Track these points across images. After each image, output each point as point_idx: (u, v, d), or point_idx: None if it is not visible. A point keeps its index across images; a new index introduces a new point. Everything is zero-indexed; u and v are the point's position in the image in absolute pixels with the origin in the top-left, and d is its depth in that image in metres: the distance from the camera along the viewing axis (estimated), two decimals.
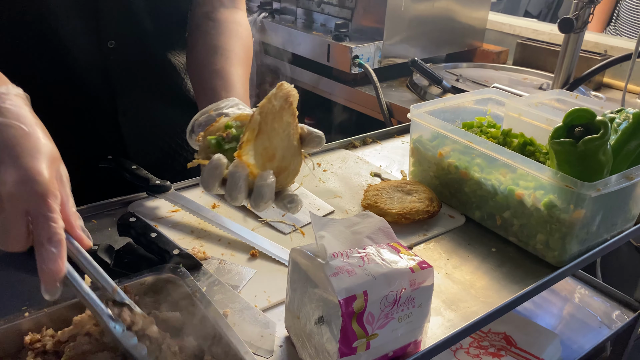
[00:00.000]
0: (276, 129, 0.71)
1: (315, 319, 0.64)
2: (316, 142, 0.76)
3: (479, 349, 1.08)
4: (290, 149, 0.74)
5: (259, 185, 0.70)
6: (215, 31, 1.04)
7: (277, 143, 0.71)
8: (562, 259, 0.88)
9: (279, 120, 0.71)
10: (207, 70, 0.98)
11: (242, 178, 0.69)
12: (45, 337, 0.62)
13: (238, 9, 1.12)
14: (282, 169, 0.73)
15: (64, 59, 0.95)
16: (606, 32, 2.77)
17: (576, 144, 0.81)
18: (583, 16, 1.41)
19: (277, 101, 0.70)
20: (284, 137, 0.72)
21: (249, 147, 0.69)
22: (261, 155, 0.70)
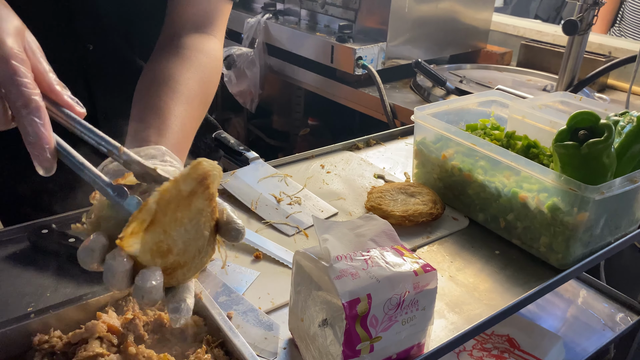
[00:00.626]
0: (179, 219, 0.56)
1: (319, 321, 0.65)
2: (233, 235, 0.61)
3: (483, 352, 1.08)
4: (198, 240, 0.58)
5: (138, 285, 0.55)
6: (175, 58, 0.91)
7: (177, 236, 0.56)
8: (566, 261, 0.88)
9: (184, 209, 0.56)
10: (149, 102, 0.85)
11: (119, 272, 0.54)
12: (54, 338, 0.62)
13: (212, 36, 0.98)
14: (181, 265, 0.58)
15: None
16: (610, 33, 2.77)
17: (580, 147, 0.81)
18: (587, 18, 1.41)
19: (186, 185, 0.55)
20: (190, 228, 0.57)
21: (133, 241, 0.54)
22: (150, 251, 0.55)
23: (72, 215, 0.94)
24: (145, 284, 0.54)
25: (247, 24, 2.35)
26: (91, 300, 0.67)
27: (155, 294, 0.55)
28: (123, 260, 0.54)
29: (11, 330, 0.63)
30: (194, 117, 0.88)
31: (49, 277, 0.81)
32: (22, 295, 0.76)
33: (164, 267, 0.56)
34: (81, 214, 0.94)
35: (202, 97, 0.91)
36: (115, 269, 0.54)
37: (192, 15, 0.96)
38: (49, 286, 0.79)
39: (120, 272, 0.54)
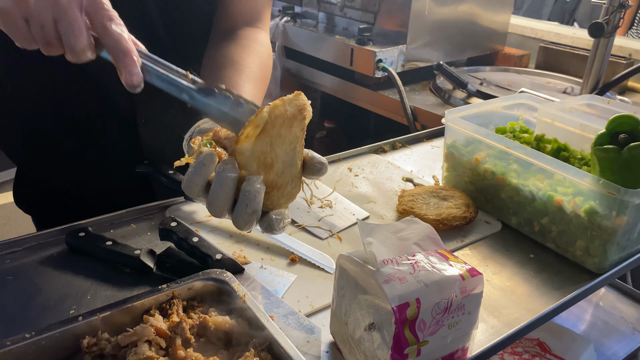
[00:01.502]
0: (282, 137, 0.62)
1: (365, 325, 0.65)
2: (317, 168, 0.67)
3: (514, 355, 1.08)
4: (293, 166, 0.64)
5: (245, 190, 0.59)
6: (234, 45, 1.00)
7: (279, 153, 0.62)
8: (603, 265, 0.88)
9: (287, 129, 0.62)
10: (220, 81, 0.92)
11: (229, 179, 0.59)
12: (102, 340, 0.62)
13: (261, 29, 1.08)
14: (278, 186, 0.63)
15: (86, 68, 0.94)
16: (628, 35, 2.75)
17: (620, 150, 0.81)
18: (613, 21, 1.40)
19: (290, 107, 0.62)
20: (289, 150, 0.62)
21: (246, 145, 0.59)
22: (257, 160, 0.60)
23: (108, 219, 0.94)
24: (252, 186, 0.59)
25: None
26: (136, 303, 0.68)
27: (257, 201, 0.60)
28: (234, 166, 0.60)
29: (60, 332, 0.63)
30: (259, 95, 0.95)
31: (88, 280, 0.81)
32: (64, 298, 0.77)
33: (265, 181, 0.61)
34: (116, 217, 0.95)
35: (263, 78, 0.99)
36: (226, 175, 0.59)
37: (243, 12, 1.04)
38: (88, 289, 0.79)
39: (230, 179, 0.59)
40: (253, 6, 1.06)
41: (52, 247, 0.88)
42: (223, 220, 0.96)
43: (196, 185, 0.62)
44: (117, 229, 0.94)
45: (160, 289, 0.70)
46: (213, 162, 0.62)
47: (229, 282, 0.72)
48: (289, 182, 0.64)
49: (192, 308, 0.71)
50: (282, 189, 0.64)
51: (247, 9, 1.05)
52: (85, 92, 0.98)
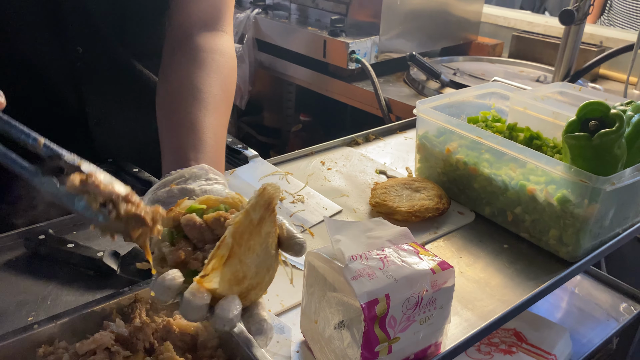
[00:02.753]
0: (252, 247, 0.57)
1: (334, 323, 0.63)
2: (296, 250, 0.63)
3: (490, 346, 1.07)
4: (267, 260, 0.60)
5: (219, 316, 0.55)
6: (193, 64, 0.89)
7: (250, 262, 0.57)
8: (576, 254, 0.87)
9: (256, 236, 0.57)
10: (178, 118, 0.84)
11: (199, 306, 0.55)
12: (59, 349, 0.60)
13: (223, 32, 0.97)
14: (254, 286, 0.59)
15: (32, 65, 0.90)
16: (599, 22, 2.77)
17: (591, 138, 0.80)
18: (583, 8, 1.40)
19: (255, 214, 0.57)
20: (260, 252, 0.58)
21: (214, 275, 0.55)
22: (228, 281, 0.56)
23: (70, 220, 0.91)
24: (227, 314, 0.55)
25: (236, 20, 2.31)
26: (96, 308, 0.65)
27: (236, 321, 0.56)
28: (203, 296, 0.55)
29: (14, 342, 0.60)
30: (223, 124, 0.87)
31: (49, 285, 0.78)
32: (22, 305, 0.74)
33: (239, 292, 0.57)
34: (78, 218, 0.91)
35: (227, 101, 0.90)
36: (195, 305, 0.54)
37: (199, 11, 0.94)
38: (49, 294, 0.76)
39: (200, 306, 0.55)
40: (211, 3, 0.95)
41: (10, 251, 0.84)
42: None
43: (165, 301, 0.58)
44: (79, 230, 0.90)
45: (122, 292, 0.68)
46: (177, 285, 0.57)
47: None
48: (265, 274, 0.61)
49: (156, 311, 0.68)
50: (259, 285, 0.60)
51: (202, 7, 0.95)
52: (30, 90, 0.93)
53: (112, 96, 1.01)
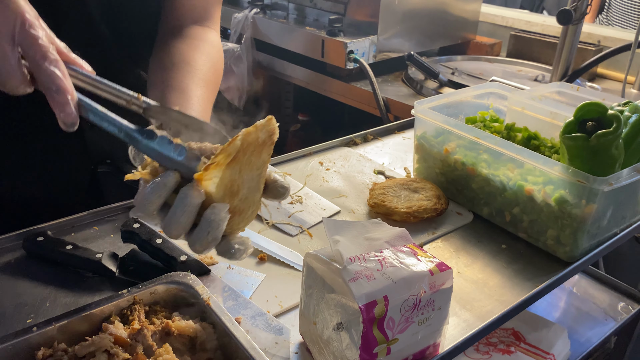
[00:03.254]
0: (251, 164, 0.60)
1: (333, 325, 0.63)
2: (279, 193, 0.66)
3: (489, 346, 1.07)
4: (256, 192, 0.63)
5: (209, 218, 0.57)
6: (183, 45, 0.94)
7: (245, 180, 0.60)
8: (574, 254, 0.87)
9: (257, 155, 0.61)
10: (170, 83, 0.87)
11: (193, 205, 0.56)
12: (58, 351, 0.60)
13: (211, 29, 1.02)
14: (240, 211, 0.61)
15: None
16: (598, 21, 2.78)
17: (589, 138, 0.80)
18: (581, 7, 1.40)
19: (262, 134, 0.60)
20: (255, 176, 0.62)
21: (216, 172, 0.57)
22: (225, 187, 0.59)
23: (69, 222, 0.91)
24: (217, 215, 0.57)
25: (234, 20, 2.31)
26: (95, 310, 0.65)
27: (220, 229, 0.58)
28: (200, 192, 0.57)
29: (13, 345, 0.60)
30: (210, 100, 0.89)
31: (47, 287, 0.78)
32: (21, 307, 0.74)
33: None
34: (77, 219, 0.91)
35: (215, 81, 0.93)
36: (190, 200, 0.56)
37: (190, 9, 0.98)
38: (47, 296, 0.76)
39: (194, 204, 0.57)
40: (202, 3, 1.01)
41: (8, 252, 0.84)
42: None
43: (152, 204, 0.58)
44: (78, 232, 0.90)
45: (120, 294, 0.68)
46: (175, 184, 0.59)
47: (193, 285, 0.69)
48: (251, 207, 0.63)
49: (155, 313, 0.68)
50: (243, 214, 0.63)
51: (195, 6, 1.00)
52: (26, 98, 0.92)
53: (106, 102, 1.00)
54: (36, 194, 1.01)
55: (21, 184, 0.99)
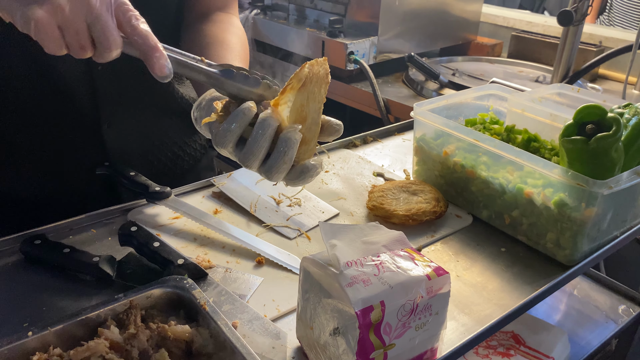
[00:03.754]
0: (314, 94, 0.68)
1: (330, 330, 0.62)
2: (335, 129, 0.73)
3: (488, 349, 1.07)
4: (317, 126, 0.70)
5: (285, 137, 0.64)
6: (213, 28, 1.02)
7: (311, 109, 0.68)
8: (573, 257, 0.87)
9: (318, 87, 0.68)
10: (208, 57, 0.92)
11: (271, 127, 0.64)
12: (53, 356, 0.59)
13: (232, 14, 1.11)
14: (305, 140, 0.68)
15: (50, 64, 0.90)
16: (599, 22, 2.77)
17: (588, 141, 0.80)
18: (582, 8, 1.39)
19: (322, 69, 0.67)
20: (317, 109, 0.69)
21: (290, 96, 0.66)
22: (296, 112, 0.67)
23: (66, 224, 0.90)
24: (292, 134, 0.65)
25: None
26: (91, 314, 0.65)
27: (294, 148, 0.65)
28: (276, 116, 0.65)
29: (8, 349, 0.60)
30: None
31: (45, 291, 0.77)
32: (18, 310, 0.73)
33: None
34: (75, 222, 0.91)
35: (246, 59, 1.01)
36: (269, 122, 0.64)
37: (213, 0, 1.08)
38: (44, 299, 0.76)
39: (273, 126, 0.65)
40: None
41: (6, 256, 0.84)
42: (187, 223, 0.93)
43: (232, 134, 0.66)
44: (76, 235, 0.90)
45: (117, 298, 0.67)
46: (252, 113, 0.66)
47: (189, 289, 0.69)
48: (312, 140, 0.70)
49: (151, 317, 0.68)
50: (307, 145, 0.69)
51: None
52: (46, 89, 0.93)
53: (126, 98, 1.01)
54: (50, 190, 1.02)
55: (37, 178, 1.00)
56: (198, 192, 1.04)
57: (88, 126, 0.99)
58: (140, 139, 1.07)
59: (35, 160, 0.99)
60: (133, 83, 1.00)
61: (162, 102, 1.08)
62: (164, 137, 1.11)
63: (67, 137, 0.99)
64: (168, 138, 1.11)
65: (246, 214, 0.98)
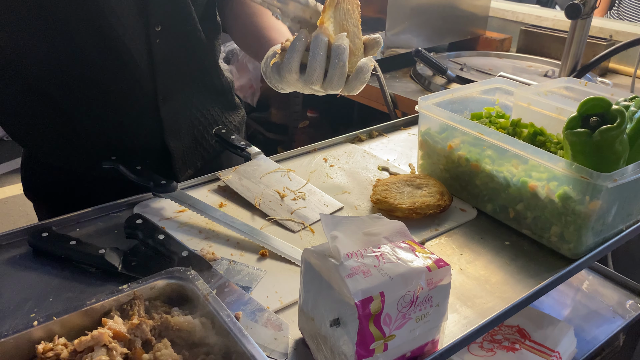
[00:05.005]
0: (349, 11, 0.80)
1: (330, 320, 0.63)
2: (375, 41, 0.84)
3: (493, 343, 1.07)
4: (358, 39, 0.82)
5: (337, 44, 0.77)
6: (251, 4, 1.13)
7: (349, 23, 0.80)
8: (578, 251, 0.86)
9: (351, 6, 0.80)
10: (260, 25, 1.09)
11: (324, 42, 0.77)
12: (58, 345, 0.60)
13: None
14: (351, 52, 0.80)
15: (114, 40, 0.95)
16: (608, 16, 2.74)
17: (592, 134, 0.79)
18: (590, 1, 1.38)
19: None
20: (355, 24, 0.81)
21: (330, 13, 0.78)
22: (338, 25, 0.79)
23: (74, 217, 0.92)
24: (342, 41, 0.78)
25: None
26: (95, 305, 0.65)
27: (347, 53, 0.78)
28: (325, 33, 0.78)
29: (14, 338, 0.61)
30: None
31: (51, 282, 0.79)
32: (25, 301, 0.75)
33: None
34: (82, 215, 0.92)
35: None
36: (322, 38, 0.78)
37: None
38: (51, 291, 0.77)
39: (325, 41, 0.78)
40: None
41: (14, 248, 0.85)
42: (192, 216, 0.94)
43: (294, 59, 0.79)
44: (82, 228, 0.91)
45: (121, 289, 0.68)
46: (307, 37, 0.79)
47: (193, 281, 0.70)
48: (358, 52, 0.82)
49: (155, 308, 0.68)
50: (354, 57, 0.82)
51: None
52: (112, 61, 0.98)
53: (178, 74, 1.08)
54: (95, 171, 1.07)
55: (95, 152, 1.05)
56: (204, 186, 1.05)
57: (146, 100, 1.05)
58: (188, 115, 1.14)
59: (94, 134, 1.05)
60: (185, 60, 1.08)
61: (208, 80, 1.17)
62: (207, 115, 1.18)
63: (127, 111, 1.04)
64: (210, 116, 1.18)
65: (251, 208, 0.98)
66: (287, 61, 0.79)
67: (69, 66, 0.96)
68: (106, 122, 1.04)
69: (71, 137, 1.05)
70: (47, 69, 0.97)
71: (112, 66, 0.98)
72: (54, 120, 1.03)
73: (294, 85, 0.86)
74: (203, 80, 1.16)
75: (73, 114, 1.02)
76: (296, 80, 0.82)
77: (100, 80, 0.99)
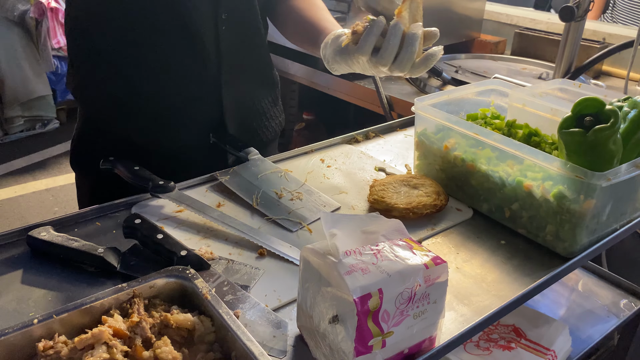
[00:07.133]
0: (417, 4, 0.91)
1: (329, 318, 0.63)
2: (434, 34, 0.93)
3: (489, 342, 1.07)
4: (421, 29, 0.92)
5: (411, 32, 0.88)
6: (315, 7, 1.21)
7: (418, 16, 0.91)
8: (573, 250, 0.87)
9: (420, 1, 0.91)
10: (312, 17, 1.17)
11: (401, 29, 0.87)
12: (59, 343, 0.61)
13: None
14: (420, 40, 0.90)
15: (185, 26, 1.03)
16: (602, 19, 2.76)
17: (586, 133, 0.81)
18: (584, 4, 1.40)
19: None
20: (421, 16, 0.92)
21: (407, 4, 0.88)
22: (412, 16, 0.90)
23: (72, 217, 0.92)
24: (416, 30, 0.88)
25: None
26: (95, 303, 0.66)
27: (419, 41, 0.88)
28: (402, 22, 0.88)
29: (14, 336, 0.61)
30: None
31: (50, 281, 0.79)
32: (24, 300, 0.75)
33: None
34: (80, 215, 0.93)
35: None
36: (399, 26, 0.88)
37: None
38: (50, 290, 0.77)
39: (401, 28, 0.88)
40: None
41: (12, 247, 0.85)
42: (190, 216, 0.94)
43: (370, 41, 0.88)
44: (81, 227, 0.91)
45: (120, 287, 0.69)
46: (383, 24, 0.88)
47: (192, 279, 0.70)
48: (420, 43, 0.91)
49: (154, 306, 0.69)
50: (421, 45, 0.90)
51: None
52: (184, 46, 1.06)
53: (238, 59, 1.14)
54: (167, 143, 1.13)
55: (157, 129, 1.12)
56: (201, 186, 1.05)
57: (211, 81, 1.10)
58: (242, 102, 1.19)
59: (158, 111, 1.10)
60: (246, 49, 1.15)
61: (262, 71, 1.24)
62: (257, 105, 1.24)
63: (192, 90, 1.10)
64: (260, 107, 1.24)
65: (248, 207, 0.99)
66: (363, 42, 0.88)
67: (141, 35, 1.05)
68: (170, 97, 1.10)
69: (135, 106, 1.10)
70: (118, 38, 1.06)
71: (181, 43, 1.05)
72: (121, 88, 1.09)
73: (362, 65, 0.94)
74: (259, 71, 1.23)
75: (140, 83, 1.08)
76: (366, 61, 0.90)
77: (168, 52, 1.06)
